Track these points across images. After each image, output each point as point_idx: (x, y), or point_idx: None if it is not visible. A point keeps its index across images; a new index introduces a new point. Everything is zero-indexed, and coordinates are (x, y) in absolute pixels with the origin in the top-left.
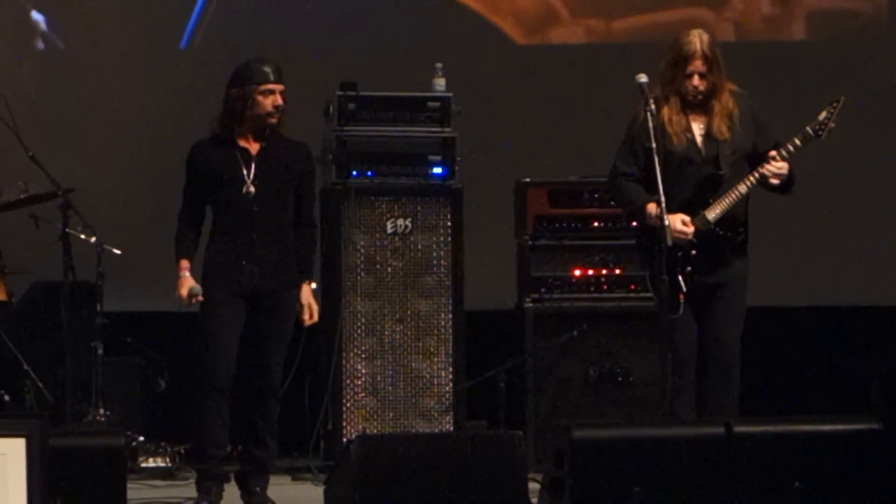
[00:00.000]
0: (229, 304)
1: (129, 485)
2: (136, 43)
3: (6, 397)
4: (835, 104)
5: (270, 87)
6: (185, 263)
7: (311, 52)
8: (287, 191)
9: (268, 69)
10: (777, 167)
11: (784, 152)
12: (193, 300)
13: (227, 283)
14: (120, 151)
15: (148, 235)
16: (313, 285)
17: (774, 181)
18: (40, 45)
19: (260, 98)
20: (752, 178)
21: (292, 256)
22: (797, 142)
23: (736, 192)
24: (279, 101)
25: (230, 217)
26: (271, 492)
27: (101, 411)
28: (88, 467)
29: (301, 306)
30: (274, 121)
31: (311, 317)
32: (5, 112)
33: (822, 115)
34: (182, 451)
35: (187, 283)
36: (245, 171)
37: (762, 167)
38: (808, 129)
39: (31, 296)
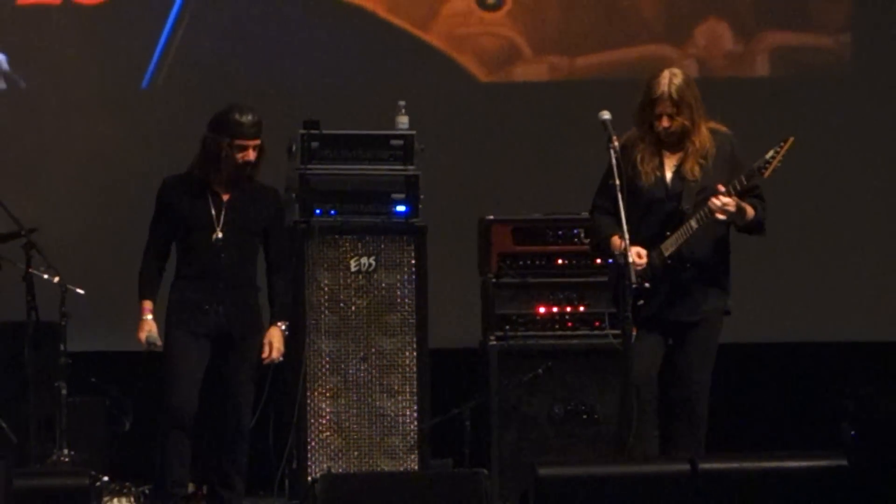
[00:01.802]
0: (193, 343)
1: None
2: (98, 82)
3: None
4: (782, 143)
5: (243, 143)
6: (147, 305)
7: (274, 91)
8: (255, 237)
9: (245, 122)
10: (721, 202)
11: (731, 188)
12: (151, 348)
13: (191, 324)
14: (83, 191)
15: (111, 275)
16: (283, 328)
17: (720, 216)
18: (1, 83)
19: (233, 152)
20: (701, 213)
21: (257, 300)
22: (743, 179)
23: (687, 227)
24: (250, 156)
25: (197, 262)
26: None
27: (66, 451)
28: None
29: (262, 344)
30: (243, 174)
31: (268, 354)
32: None
33: (769, 154)
34: (146, 490)
35: (147, 326)
36: (215, 218)
37: (708, 201)
38: (753, 165)
39: None
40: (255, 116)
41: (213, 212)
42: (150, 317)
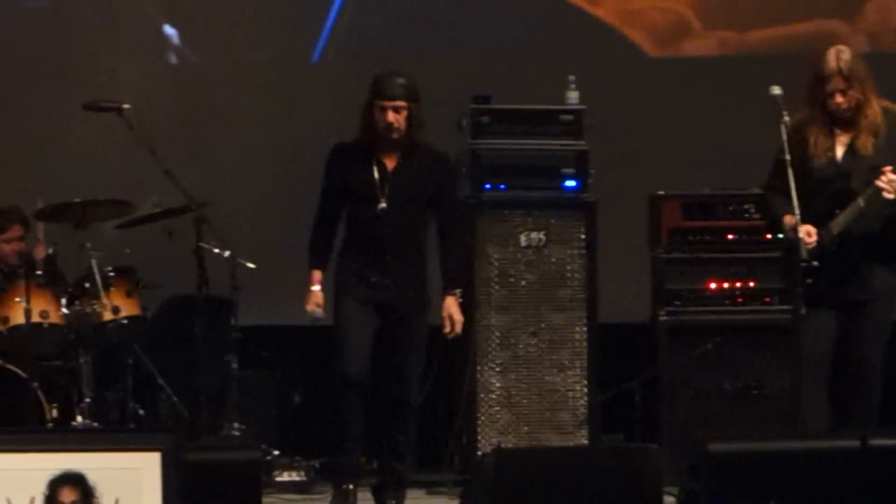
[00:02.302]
0: (361, 310)
1: (263, 499)
2: (269, 56)
3: (141, 411)
4: None
5: (386, 103)
6: (316, 275)
7: (444, 65)
8: (422, 207)
9: (391, 84)
10: (887, 180)
11: None
12: (315, 321)
13: (358, 293)
14: (254, 165)
15: (282, 249)
16: (458, 295)
17: (888, 195)
18: (173, 58)
19: (378, 112)
20: (869, 192)
21: (425, 272)
22: None
23: (855, 205)
24: (391, 118)
25: (362, 233)
26: None
27: (236, 425)
28: (223, 481)
29: (442, 318)
30: (393, 136)
31: (451, 329)
32: (140, 127)
33: None
34: (317, 465)
35: (313, 298)
36: (378, 187)
37: (876, 180)
38: None
39: (165, 310)
40: (401, 78)
41: (377, 181)
42: (317, 287)
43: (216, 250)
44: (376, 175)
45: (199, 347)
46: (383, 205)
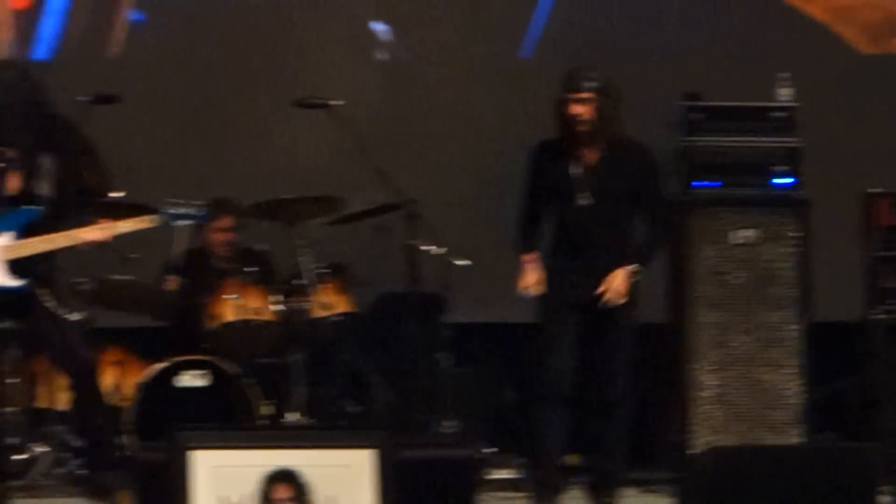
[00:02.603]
0: (565, 313)
1: (477, 496)
2: (478, 52)
3: (354, 408)
4: None
5: (572, 95)
6: (530, 256)
7: (654, 62)
8: (625, 201)
9: (577, 76)
10: None
11: None
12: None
13: (563, 294)
14: (464, 161)
15: (493, 246)
16: (632, 269)
17: None
18: (382, 54)
19: (568, 104)
20: None
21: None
22: None
23: None
24: (576, 110)
25: (566, 230)
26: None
27: (449, 422)
28: (437, 478)
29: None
30: (581, 129)
31: (605, 294)
32: (350, 123)
33: None
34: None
35: (530, 275)
36: (578, 183)
37: None
38: None
39: (377, 307)
40: (589, 71)
41: (577, 176)
42: (532, 265)
43: (427, 247)
44: (577, 171)
45: (412, 345)
46: (585, 200)
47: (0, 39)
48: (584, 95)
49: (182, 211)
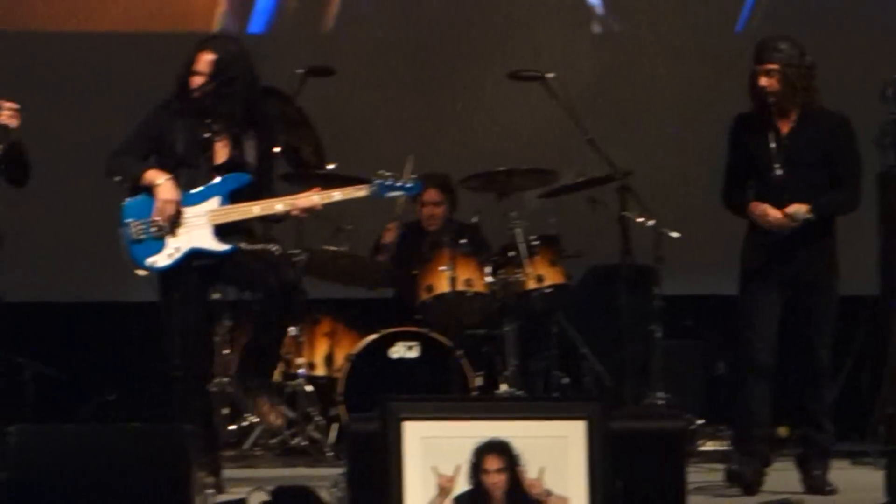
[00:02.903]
0: (767, 287)
1: (688, 468)
2: (692, 25)
3: (565, 380)
4: None
5: (758, 66)
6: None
7: (870, 33)
8: (820, 170)
9: (764, 48)
10: None
11: None
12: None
13: (765, 269)
14: (677, 134)
15: (705, 219)
16: (805, 215)
17: None
18: (597, 27)
19: (758, 76)
20: None
21: (832, 240)
22: None
23: None
24: (763, 82)
25: (762, 200)
26: (831, 476)
27: (660, 394)
28: (648, 450)
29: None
30: (770, 100)
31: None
32: (563, 95)
33: None
34: None
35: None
36: (773, 154)
37: None
38: None
39: (589, 279)
40: (778, 42)
41: (772, 147)
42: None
43: (640, 219)
44: (772, 143)
45: (623, 316)
46: (779, 171)
47: (215, 13)
48: (771, 67)
49: (393, 183)
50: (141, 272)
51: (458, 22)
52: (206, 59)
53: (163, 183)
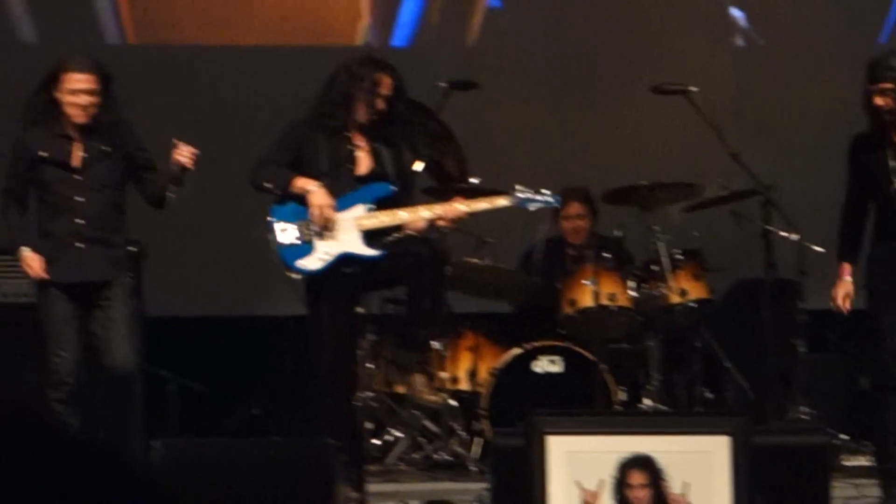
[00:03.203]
0: (892, 298)
1: (832, 483)
2: (834, 37)
3: (708, 394)
4: None
5: (871, 87)
6: (845, 268)
7: None
8: None
9: (877, 67)
10: None
11: None
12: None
13: (889, 282)
14: (820, 147)
15: None
16: None
17: None
18: (740, 41)
19: (872, 96)
20: None
21: None
22: None
23: None
24: (878, 101)
25: (883, 217)
26: None
27: (804, 409)
28: (791, 465)
29: None
30: (887, 118)
31: None
32: (706, 109)
33: None
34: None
35: (842, 289)
36: (893, 171)
37: None
38: None
39: (732, 293)
40: (886, 59)
41: (892, 165)
42: (847, 279)
43: (783, 233)
44: (891, 161)
45: (767, 331)
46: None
47: (358, 26)
48: (886, 86)
49: (533, 196)
50: (292, 274)
51: (601, 35)
52: (388, 83)
53: (316, 189)
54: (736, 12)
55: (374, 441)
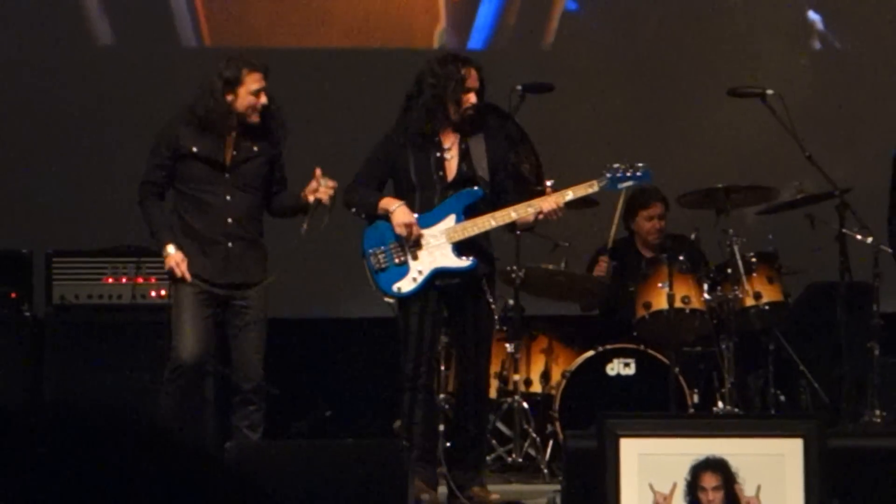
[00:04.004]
0: None
1: None
2: None
3: (782, 397)
4: None
5: None
6: None
7: None
8: None
9: None
10: None
11: None
12: None
13: None
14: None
15: None
16: None
17: None
18: (817, 44)
19: None
20: None
21: None
22: None
23: None
24: None
25: None
26: None
27: (878, 412)
28: (865, 468)
29: None
30: None
31: None
32: (782, 112)
33: None
34: None
35: None
36: None
37: None
38: None
39: (807, 296)
40: None
41: None
42: None
43: (859, 236)
44: None
45: (841, 334)
46: None
47: (435, 29)
48: None
49: (623, 174)
50: (388, 299)
51: (677, 38)
52: (475, 75)
53: (397, 208)
54: (814, 15)
55: (447, 443)
